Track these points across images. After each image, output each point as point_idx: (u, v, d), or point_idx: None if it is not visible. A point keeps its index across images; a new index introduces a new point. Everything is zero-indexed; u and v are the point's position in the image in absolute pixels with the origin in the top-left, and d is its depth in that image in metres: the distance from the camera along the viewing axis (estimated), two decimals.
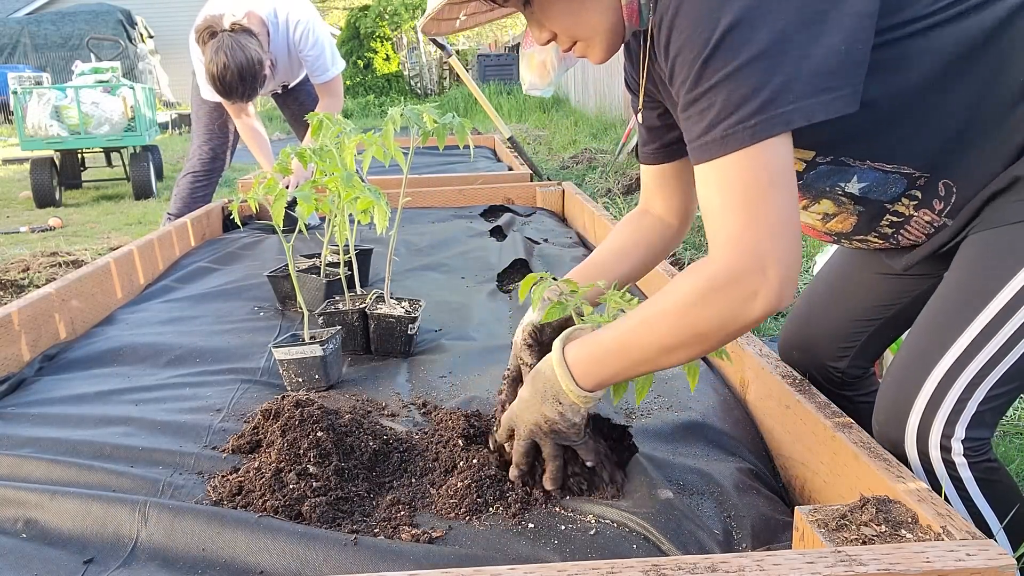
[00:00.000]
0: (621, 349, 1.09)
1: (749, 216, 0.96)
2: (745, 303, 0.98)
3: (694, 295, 1.01)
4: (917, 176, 1.14)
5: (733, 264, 0.97)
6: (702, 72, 0.96)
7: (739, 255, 0.97)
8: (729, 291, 0.98)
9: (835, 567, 0.84)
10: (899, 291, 1.40)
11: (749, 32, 0.93)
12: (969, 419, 1.11)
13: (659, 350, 1.06)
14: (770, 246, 0.96)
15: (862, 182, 1.15)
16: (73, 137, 6.46)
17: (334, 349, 1.80)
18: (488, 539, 1.15)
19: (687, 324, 1.02)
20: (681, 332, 1.03)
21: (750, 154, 0.95)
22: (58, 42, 16.18)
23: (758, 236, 0.96)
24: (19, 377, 1.84)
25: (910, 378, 1.14)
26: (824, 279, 1.55)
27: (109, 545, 1.18)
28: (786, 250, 0.96)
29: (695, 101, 0.99)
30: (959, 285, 1.14)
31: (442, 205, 3.98)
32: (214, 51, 2.98)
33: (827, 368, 1.51)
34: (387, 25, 17.27)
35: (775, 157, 0.96)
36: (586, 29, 1.12)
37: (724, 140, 0.96)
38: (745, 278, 0.97)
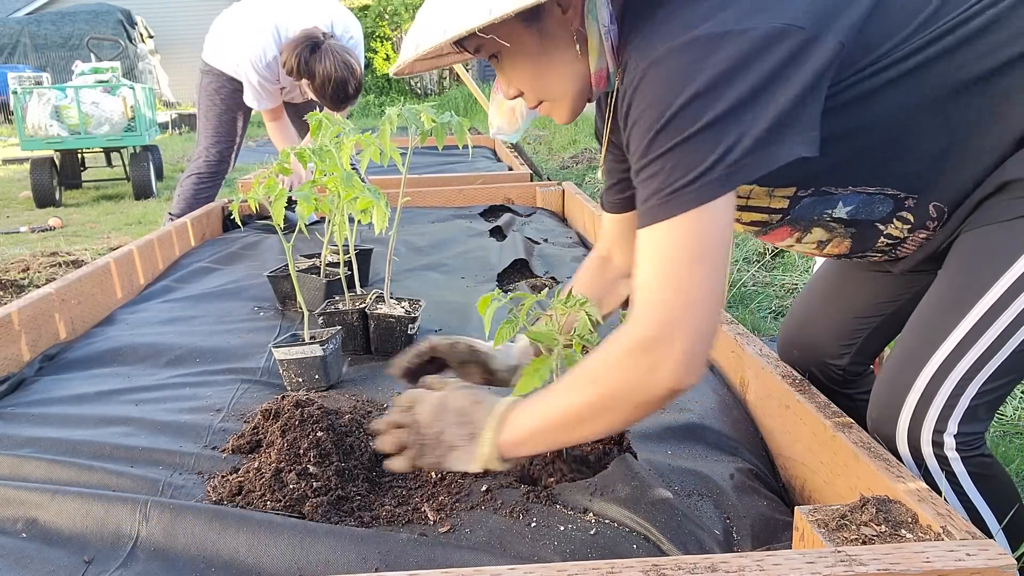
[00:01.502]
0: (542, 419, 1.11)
1: (670, 291, 0.99)
2: (648, 373, 1.00)
3: (605, 364, 1.04)
4: (904, 197, 1.15)
5: (643, 334, 1.00)
6: (653, 141, 0.99)
7: (652, 324, 1.00)
8: (636, 360, 1.00)
9: (835, 567, 0.84)
10: (899, 288, 1.41)
11: (703, 105, 0.96)
12: (962, 414, 1.11)
13: (573, 418, 1.08)
14: (683, 319, 0.98)
15: (848, 206, 1.17)
16: (73, 137, 6.45)
17: (334, 349, 1.80)
18: (488, 539, 1.15)
19: (598, 392, 1.05)
20: (593, 400, 1.05)
21: (684, 222, 0.98)
22: (58, 42, 16.16)
23: (673, 308, 0.98)
24: (19, 377, 1.84)
25: (903, 374, 1.15)
26: (823, 277, 1.55)
27: (109, 545, 1.18)
28: (698, 326, 0.99)
29: (644, 168, 1.01)
30: (951, 282, 1.14)
31: (442, 205, 3.98)
32: (333, 61, 3.12)
33: (828, 366, 1.51)
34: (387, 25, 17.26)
35: (709, 227, 0.98)
36: (553, 92, 1.15)
37: (663, 206, 0.98)
38: (652, 350, 0.99)
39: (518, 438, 1.13)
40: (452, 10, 1.03)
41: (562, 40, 1.10)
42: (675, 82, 0.97)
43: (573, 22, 1.09)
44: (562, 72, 1.12)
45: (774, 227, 1.23)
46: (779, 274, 3.31)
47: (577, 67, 1.12)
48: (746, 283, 3.20)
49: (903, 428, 1.14)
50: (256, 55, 3.32)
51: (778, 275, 3.30)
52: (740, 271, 3.31)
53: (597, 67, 1.12)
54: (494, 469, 1.16)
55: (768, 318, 2.94)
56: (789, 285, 3.22)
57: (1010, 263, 1.08)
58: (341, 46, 3.19)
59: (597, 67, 1.12)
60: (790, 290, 3.18)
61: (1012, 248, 1.08)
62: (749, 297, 3.07)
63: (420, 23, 1.09)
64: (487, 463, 1.15)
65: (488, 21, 0.98)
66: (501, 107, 1.28)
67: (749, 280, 3.23)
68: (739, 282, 3.18)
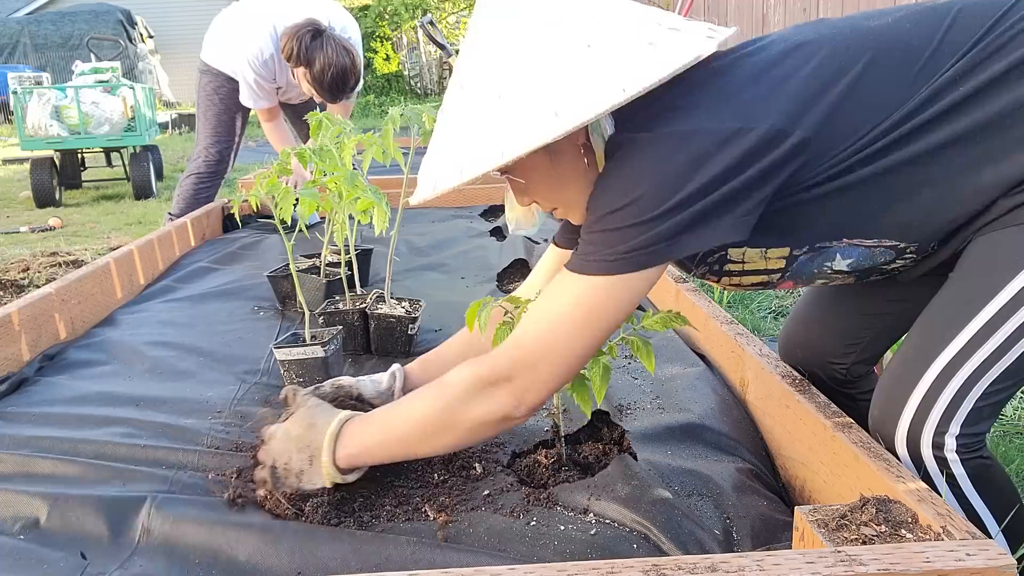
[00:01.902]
0: (384, 435, 1.21)
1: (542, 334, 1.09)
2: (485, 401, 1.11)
3: (451, 388, 1.14)
4: (904, 247, 1.17)
5: (492, 361, 1.11)
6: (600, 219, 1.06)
7: (503, 356, 1.11)
8: (480, 384, 1.11)
9: (835, 567, 0.84)
10: (907, 287, 1.41)
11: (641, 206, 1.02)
12: (965, 416, 1.12)
13: (416, 435, 1.18)
14: (534, 365, 1.09)
15: (847, 258, 1.19)
16: (73, 137, 6.45)
17: (335, 350, 1.80)
18: (488, 539, 1.15)
19: (439, 406, 1.15)
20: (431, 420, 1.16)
21: (598, 286, 1.06)
22: (58, 42, 16.15)
23: (532, 353, 1.09)
24: (19, 377, 1.84)
25: (907, 375, 1.16)
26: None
27: (109, 545, 1.18)
28: (544, 375, 1.09)
29: (585, 235, 1.09)
30: (960, 285, 1.15)
31: (442, 205, 3.98)
32: (335, 49, 3.09)
33: (831, 365, 1.51)
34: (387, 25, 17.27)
35: (615, 300, 1.06)
36: (567, 200, 1.19)
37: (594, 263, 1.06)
38: (496, 380, 1.10)
39: (355, 451, 1.22)
40: (466, 150, 1.05)
41: (570, 156, 1.13)
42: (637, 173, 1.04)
43: (579, 138, 1.12)
44: (573, 183, 1.15)
45: (776, 284, 1.26)
46: None
47: (587, 178, 1.14)
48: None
49: (903, 428, 1.14)
50: (253, 53, 3.32)
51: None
52: None
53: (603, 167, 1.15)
54: (342, 482, 1.24)
55: (768, 318, 2.94)
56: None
57: (1020, 268, 1.08)
58: (342, 37, 3.19)
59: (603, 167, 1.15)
60: (790, 290, 3.18)
61: (1022, 253, 1.08)
62: (749, 297, 3.07)
63: (434, 160, 1.11)
64: (331, 478, 1.23)
65: (502, 164, 1.01)
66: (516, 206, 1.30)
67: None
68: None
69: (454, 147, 1.07)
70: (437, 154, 1.10)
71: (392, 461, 1.26)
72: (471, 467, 1.37)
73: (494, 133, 1.01)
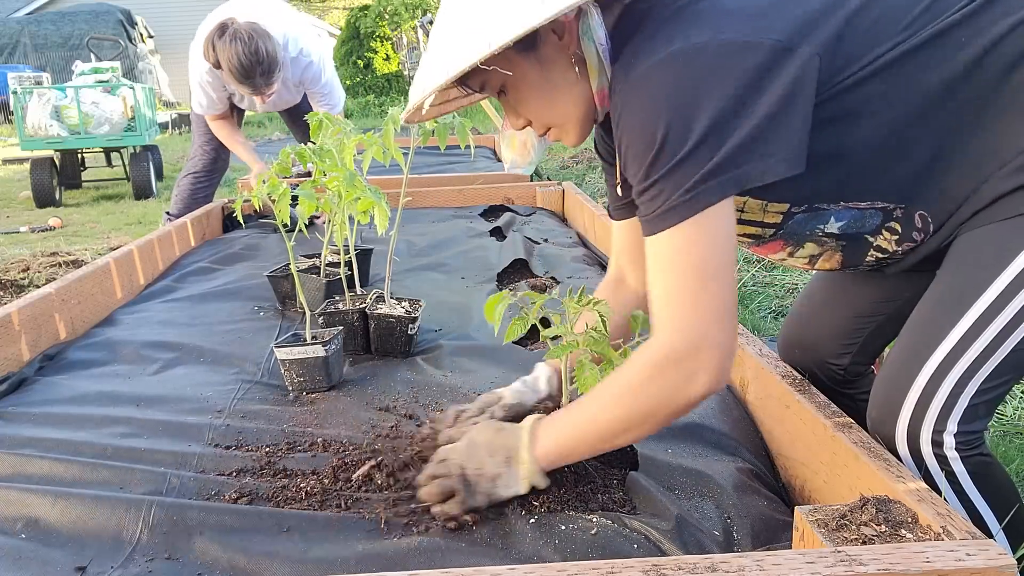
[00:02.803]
0: (579, 431, 1.17)
1: (689, 301, 1.04)
2: (685, 384, 1.06)
3: (639, 377, 1.10)
4: (892, 208, 1.17)
5: (672, 348, 1.06)
6: (649, 170, 1.04)
7: (678, 339, 1.06)
8: (669, 373, 1.07)
9: (835, 567, 0.84)
10: (899, 287, 1.41)
11: (684, 128, 1.00)
12: (961, 413, 1.12)
13: (613, 430, 1.14)
14: (706, 331, 1.04)
15: (840, 220, 1.19)
16: (73, 137, 6.45)
17: (336, 349, 1.80)
18: (488, 539, 1.15)
19: (634, 404, 1.11)
20: (629, 412, 1.11)
21: (689, 231, 1.03)
22: (58, 42, 16.15)
23: (695, 321, 1.04)
24: (19, 377, 1.84)
25: (902, 373, 1.16)
26: (823, 277, 1.55)
27: (109, 545, 1.18)
28: (721, 334, 1.05)
29: (645, 191, 1.06)
30: (950, 281, 1.15)
31: (442, 205, 3.98)
32: (231, 36, 2.96)
33: (829, 366, 1.51)
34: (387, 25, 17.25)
35: (712, 234, 1.03)
36: (559, 117, 1.17)
37: (666, 214, 1.03)
38: (684, 361, 1.06)
39: (556, 451, 1.18)
40: (453, 50, 1.05)
41: (561, 65, 1.13)
42: (657, 104, 1.02)
43: (570, 46, 1.12)
44: (565, 96, 1.15)
45: (767, 240, 1.25)
46: (779, 274, 3.31)
47: (579, 89, 1.15)
48: (746, 283, 3.20)
49: (902, 427, 1.14)
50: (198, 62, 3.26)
51: (778, 275, 3.30)
52: (741, 271, 3.31)
53: (599, 86, 1.14)
54: (539, 485, 1.20)
55: (768, 318, 2.94)
56: (789, 285, 3.22)
57: (1008, 261, 1.08)
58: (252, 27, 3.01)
59: (599, 86, 1.14)
60: (790, 290, 3.19)
61: (1010, 246, 1.08)
62: (749, 297, 3.07)
63: (424, 68, 1.11)
64: (531, 479, 1.19)
65: (488, 54, 1.00)
66: (512, 142, 1.31)
67: (749, 280, 3.24)
68: (739, 282, 3.18)
69: (443, 49, 1.07)
70: (427, 61, 1.11)
71: (590, 456, 1.24)
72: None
73: (481, 27, 1.02)
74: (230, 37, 2.99)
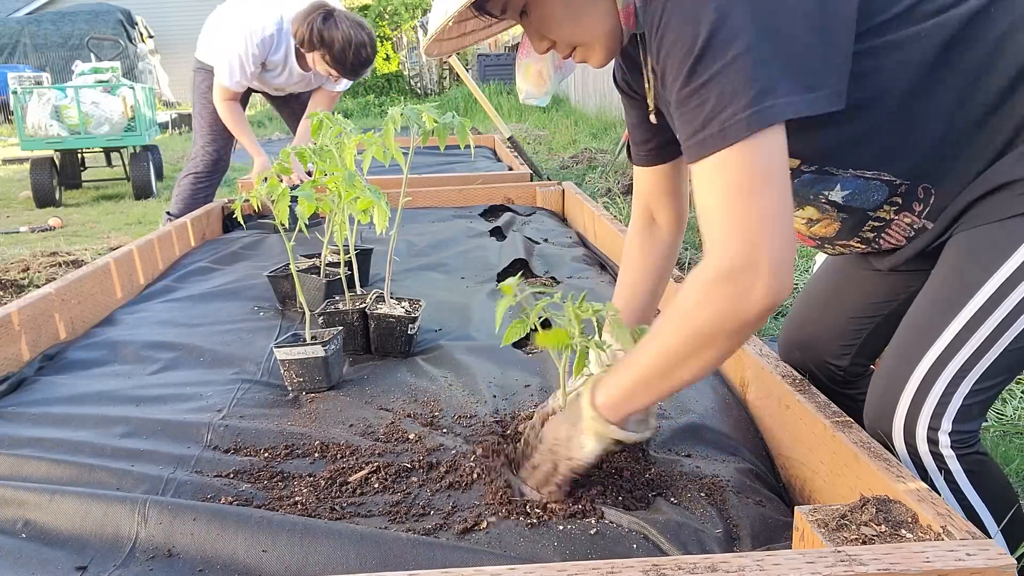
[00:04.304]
0: (637, 370, 1.09)
1: (741, 214, 0.97)
2: (741, 299, 0.97)
3: (694, 298, 1.01)
4: (898, 183, 1.16)
5: (727, 263, 0.97)
6: (693, 70, 0.97)
7: (732, 254, 0.97)
8: (724, 290, 0.98)
9: (835, 567, 0.84)
10: (895, 288, 1.41)
11: (733, 29, 0.94)
12: (956, 412, 1.12)
13: (671, 362, 1.05)
14: (762, 243, 0.96)
15: (845, 190, 1.18)
16: (73, 137, 6.45)
17: (336, 349, 1.80)
18: (488, 539, 1.15)
19: (690, 329, 1.02)
20: (686, 339, 1.03)
21: (744, 149, 0.95)
22: (58, 42, 16.15)
23: (750, 234, 0.96)
24: (19, 377, 1.84)
25: (897, 372, 1.16)
26: (822, 278, 1.55)
27: (108, 545, 1.18)
28: (778, 246, 0.97)
29: (688, 98, 0.99)
30: (943, 281, 1.15)
31: (442, 205, 3.98)
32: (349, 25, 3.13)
33: (829, 366, 1.51)
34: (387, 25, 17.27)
35: (769, 151, 0.96)
36: (585, 35, 1.14)
37: (721, 134, 0.96)
38: (739, 276, 0.97)
39: (617, 397, 1.11)
40: None
41: None
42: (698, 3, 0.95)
43: None
44: (590, 12, 1.11)
45: None
46: None
47: (604, 5, 1.11)
48: None
49: (899, 426, 1.15)
50: (253, 29, 3.31)
51: None
52: None
53: (624, 3, 1.11)
54: (610, 436, 1.13)
55: (768, 318, 2.94)
56: None
57: (1002, 261, 1.08)
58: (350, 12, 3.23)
59: (624, 3, 1.11)
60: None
61: (1004, 246, 1.08)
62: None
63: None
64: (597, 433, 1.13)
65: None
66: (527, 73, 1.28)
67: None
68: None
69: None
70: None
71: (658, 398, 1.14)
72: (463, 471, 1.37)
73: None
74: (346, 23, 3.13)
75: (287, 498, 1.29)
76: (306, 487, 1.32)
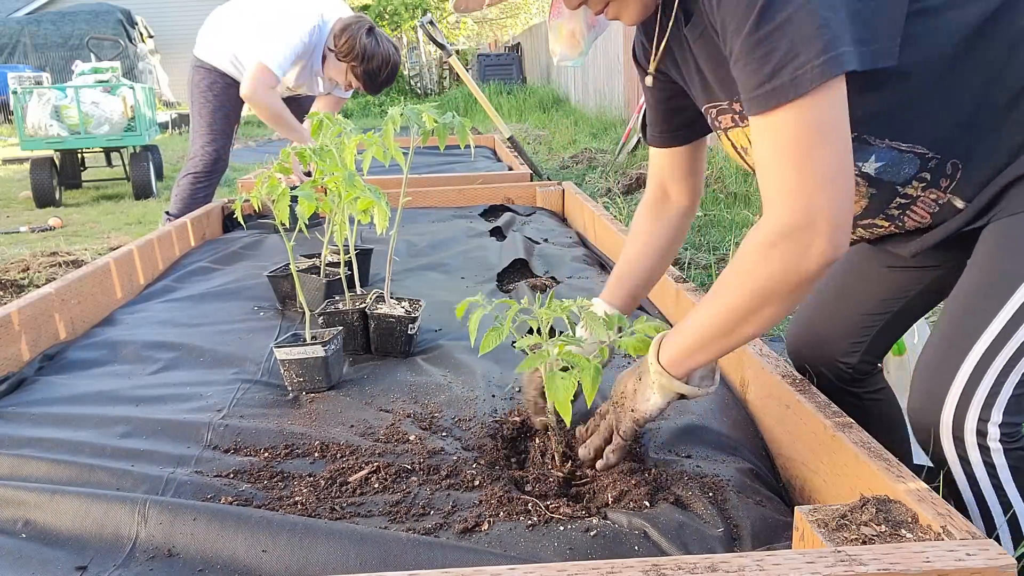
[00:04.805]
0: (699, 327, 1.14)
1: (798, 170, 0.98)
2: (801, 256, 1.00)
3: (753, 256, 1.04)
4: (930, 157, 1.15)
5: (784, 220, 1.00)
6: (762, 16, 0.96)
7: (790, 211, 0.99)
8: (783, 247, 1.00)
9: (835, 567, 0.84)
10: (905, 284, 1.41)
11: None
12: (1006, 403, 1.12)
13: (733, 319, 1.09)
14: (819, 199, 0.97)
15: (879, 161, 1.17)
16: (73, 137, 6.46)
17: (336, 349, 1.80)
18: (488, 539, 1.15)
19: (751, 286, 1.05)
20: (747, 296, 1.06)
21: (813, 100, 0.96)
22: (58, 42, 16.16)
23: (807, 190, 0.98)
24: (19, 377, 1.84)
25: (945, 364, 1.16)
26: (831, 276, 1.55)
27: (108, 545, 1.18)
28: (835, 201, 0.98)
29: (756, 47, 0.98)
30: (986, 271, 1.15)
31: (442, 205, 3.98)
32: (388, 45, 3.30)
33: (838, 364, 1.51)
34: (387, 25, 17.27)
35: (834, 103, 0.97)
36: None
37: (794, 83, 0.96)
38: (797, 233, 0.99)
39: (681, 353, 1.16)
40: None
41: None
42: None
43: None
44: None
45: None
46: None
47: None
48: None
49: (948, 417, 1.15)
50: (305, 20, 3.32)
51: None
52: None
53: None
54: (674, 390, 1.18)
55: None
56: None
57: None
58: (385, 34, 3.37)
59: None
60: None
61: None
62: None
63: None
64: (662, 387, 1.19)
65: None
66: (560, 34, 1.27)
67: None
68: None
69: None
70: None
71: (720, 354, 1.17)
72: (463, 472, 1.37)
73: None
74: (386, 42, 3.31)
75: (287, 498, 1.29)
76: (306, 487, 1.32)
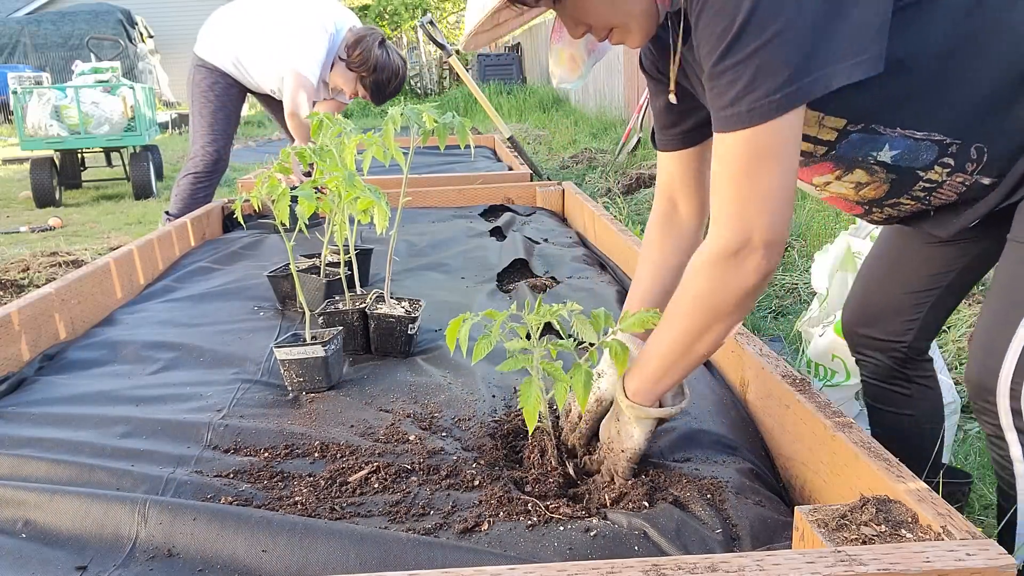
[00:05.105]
0: (657, 355, 1.20)
1: (739, 191, 1.05)
2: (740, 272, 1.08)
3: (698, 277, 1.12)
4: (948, 143, 1.16)
5: (724, 240, 1.07)
6: (731, 46, 1.00)
7: (729, 231, 1.07)
8: (723, 265, 1.08)
9: (835, 567, 0.84)
10: (950, 258, 1.42)
11: (775, 8, 0.97)
12: None
13: (687, 341, 1.16)
14: (755, 219, 1.04)
15: (894, 150, 1.18)
16: (73, 137, 6.46)
17: (336, 349, 1.80)
18: (488, 539, 1.15)
19: (701, 309, 1.12)
20: (698, 318, 1.13)
21: (764, 130, 1.01)
22: (58, 42, 16.16)
23: (745, 211, 1.05)
24: (19, 377, 1.84)
25: (998, 335, 1.18)
26: (877, 256, 1.55)
27: (108, 545, 1.18)
28: (770, 220, 1.05)
29: (723, 73, 1.03)
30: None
31: (442, 205, 3.98)
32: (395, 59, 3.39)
33: (892, 346, 1.52)
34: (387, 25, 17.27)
35: (784, 132, 1.02)
36: (621, 16, 1.15)
37: (749, 114, 1.01)
38: (736, 250, 1.06)
39: (646, 383, 1.23)
40: None
41: None
42: None
43: None
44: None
45: (817, 160, 1.24)
46: (779, 274, 3.31)
47: None
48: None
49: (1004, 385, 1.17)
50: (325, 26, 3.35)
51: (778, 275, 3.30)
52: None
53: None
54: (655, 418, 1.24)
55: (768, 318, 2.95)
56: (789, 285, 3.22)
57: None
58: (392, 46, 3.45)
59: None
60: (790, 290, 3.19)
61: None
62: None
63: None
64: (638, 419, 1.25)
65: None
66: (560, 58, 1.29)
67: None
68: None
69: None
70: None
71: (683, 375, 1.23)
72: (463, 472, 1.37)
73: None
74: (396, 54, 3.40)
75: (287, 498, 1.29)
76: (306, 487, 1.32)
